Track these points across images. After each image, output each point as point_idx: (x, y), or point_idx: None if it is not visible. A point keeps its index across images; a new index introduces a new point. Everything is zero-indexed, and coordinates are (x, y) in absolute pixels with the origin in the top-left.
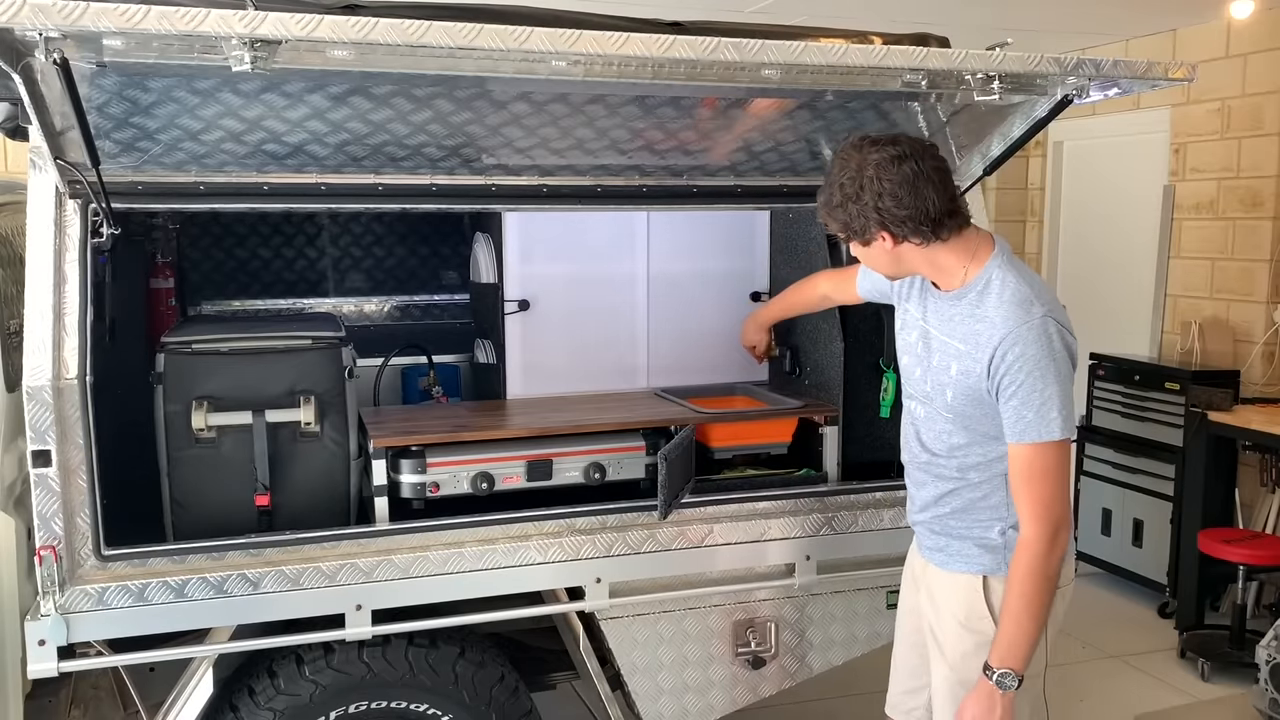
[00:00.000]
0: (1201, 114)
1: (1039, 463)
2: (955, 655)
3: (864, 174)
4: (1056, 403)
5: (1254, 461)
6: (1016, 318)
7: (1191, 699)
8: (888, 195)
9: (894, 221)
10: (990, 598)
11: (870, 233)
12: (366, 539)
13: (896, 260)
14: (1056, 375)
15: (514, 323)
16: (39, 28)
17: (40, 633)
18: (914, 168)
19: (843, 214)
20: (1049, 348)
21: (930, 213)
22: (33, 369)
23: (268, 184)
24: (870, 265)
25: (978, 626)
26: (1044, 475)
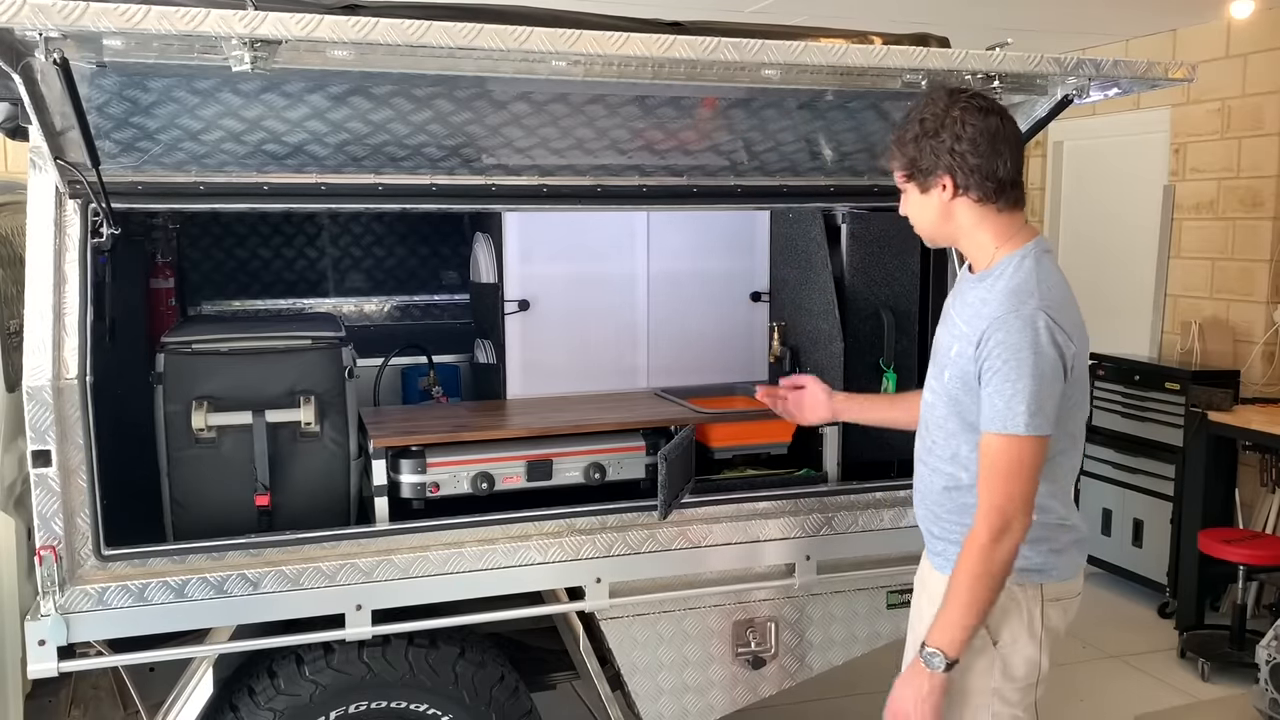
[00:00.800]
0: (1201, 114)
1: (1001, 457)
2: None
3: (950, 113)
4: (1026, 397)
5: (1254, 461)
6: (1009, 305)
7: (1191, 699)
8: (966, 139)
9: (963, 168)
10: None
11: (935, 175)
12: (366, 539)
13: (946, 216)
14: (1034, 371)
15: (514, 323)
16: (39, 28)
17: (40, 633)
18: (998, 124)
19: (914, 149)
20: (1033, 340)
21: (999, 172)
22: (33, 369)
23: (268, 184)
24: (917, 219)
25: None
26: (1002, 471)
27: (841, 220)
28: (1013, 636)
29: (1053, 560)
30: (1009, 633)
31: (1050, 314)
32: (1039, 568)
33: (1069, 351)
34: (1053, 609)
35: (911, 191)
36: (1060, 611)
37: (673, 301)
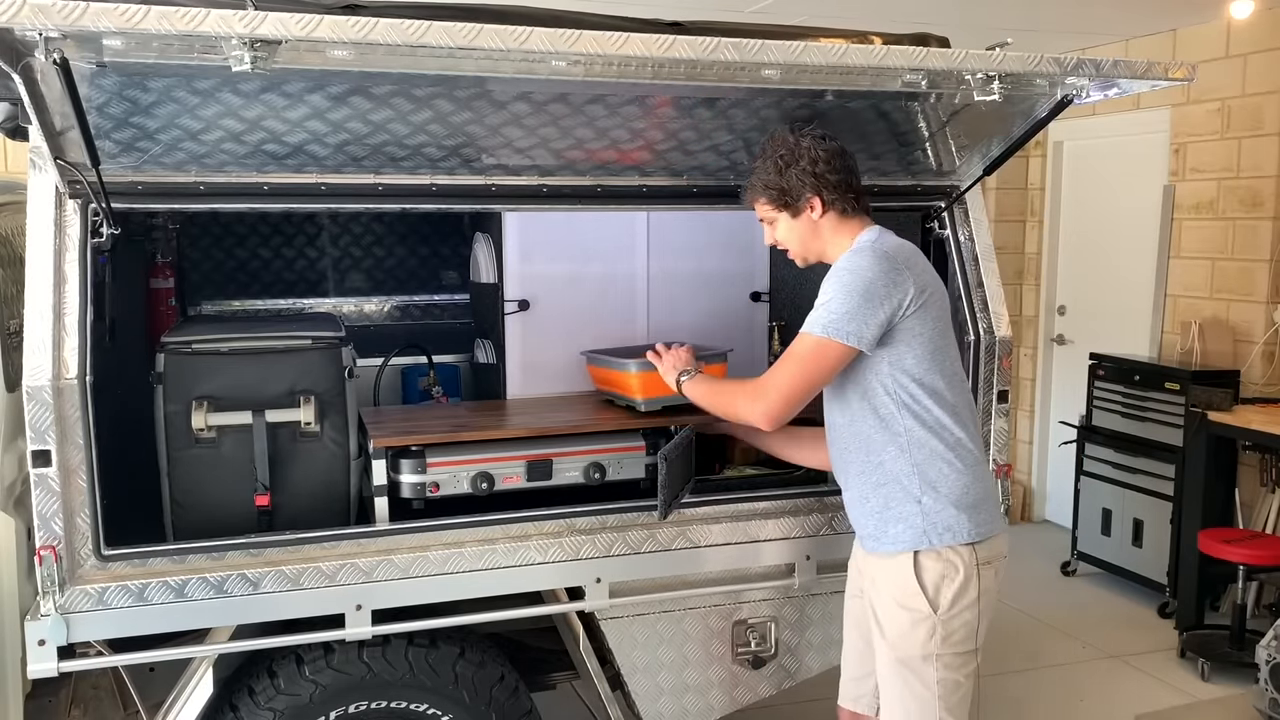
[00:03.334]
0: (1201, 114)
1: (793, 348)
2: (893, 634)
3: (800, 145)
4: (831, 306)
5: (1254, 461)
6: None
7: (1191, 699)
8: (822, 161)
9: (827, 186)
10: (921, 574)
11: (803, 199)
12: (366, 539)
13: (815, 233)
14: (848, 287)
15: (514, 323)
16: (39, 28)
17: (40, 633)
18: (839, 146)
19: (780, 180)
20: (852, 264)
21: (853, 184)
22: (33, 369)
23: (268, 184)
24: (789, 241)
25: (911, 604)
26: (789, 358)
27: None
28: (951, 601)
29: (978, 521)
30: (947, 597)
31: (878, 251)
32: (970, 527)
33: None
34: (986, 571)
35: (782, 220)
36: (992, 574)
37: (673, 302)
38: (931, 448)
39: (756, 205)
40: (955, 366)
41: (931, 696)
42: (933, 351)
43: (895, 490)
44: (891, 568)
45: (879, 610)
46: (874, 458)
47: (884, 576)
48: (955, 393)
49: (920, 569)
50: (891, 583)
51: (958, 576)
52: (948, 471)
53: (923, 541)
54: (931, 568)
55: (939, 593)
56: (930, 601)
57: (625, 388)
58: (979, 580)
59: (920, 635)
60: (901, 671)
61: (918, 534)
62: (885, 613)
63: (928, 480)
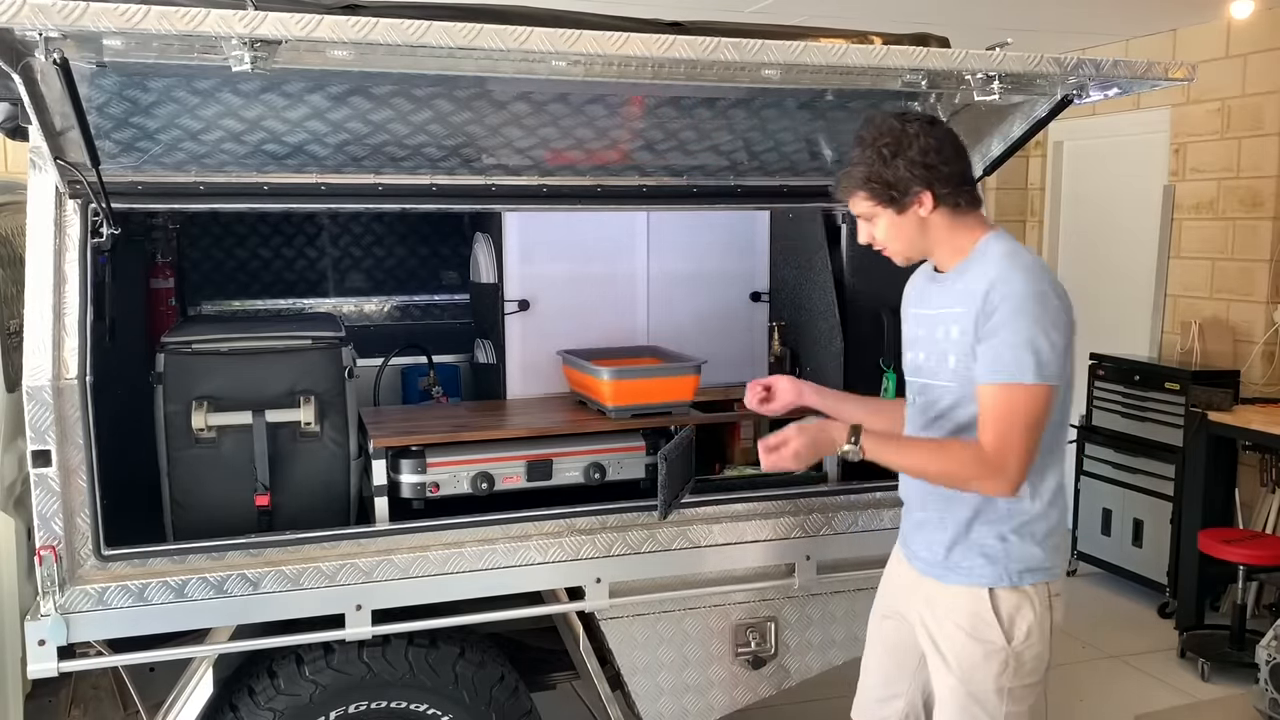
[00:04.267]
0: (1201, 114)
1: (1005, 404)
2: (963, 667)
3: (906, 133)
4: (1035, 346)
5: (1254, 461)
6: (1005, 265)
7: (1191, 699)
8: (933, 151)
9: (939, 179)
10: (999, 607)
11: (911, 195)
12: (366, 539)
13: (923, 230)
14: (1039, 319)
15: (514, 323)
16: (39, 28)
17: (40, 633)
18: (946, 130)
19: (888, 173)
20: (1038, 290)
21: (967, 175)
22: (33, 369)
23: (268, 184)
24: (891, 240)
25: (985, 635)
26: (1010, 417)
27: (841, 220)
28: (1026, 634)
29: (1056, 559)
30: (1022, 631)
31: (1048, 274)
32: (1048, 566)
33: (1068, 307)
34: (1057, 604)
35: (884, 216)
36: (1061, 607)
37: (673, 301)
38: (1030, 488)
39: (853, 201)
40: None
41: None
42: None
43: (979, 524)
44: (963, 598)
45: (942, 641)
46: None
47: (952, 606)
48: (1062, 429)
49: (997, 601)
50: (962, 614)
51: (1034, 608)
52: (1038, 514)
53: (1002, 579)
54: (1007, 599)
55: (1014, 625)
56: (1005, 633)
57: (596, 392)
58: (1052, 612)
59: (993, 668)
60: (970, 706)
61: (998, 571)
62: (952, 644)
63: (1018, 518)
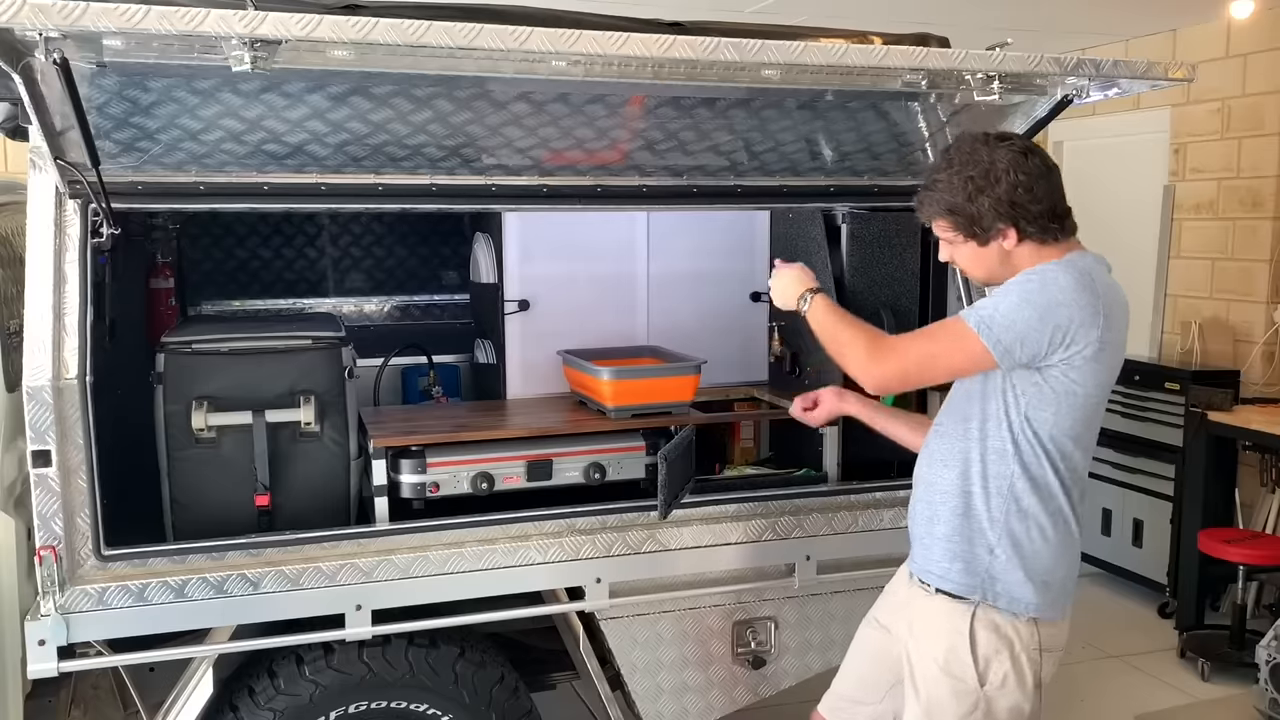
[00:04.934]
0: (1201, 114)
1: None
2: (930, 698)
3: (996, 167)
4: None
5: (1254, 461)
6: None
7: (1191, 699)
8: (1023, 188)
9: (1026, 217)
10: (976, 643)
11: (994, 230)
12: (366, 539)
13: (1005, 262)
14: (1024, 292)
15: (514, 323)
16: (39, 28)
17: (40, 633)
18: (1039, 162)
19: (971, 208)
20: (1053, 276)
21: (1058, 209)
22: (33, 369)
23: (268, 184)
24: (970, 268)
25: (956, 672)
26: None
27: (841, 220)
28: (1001, 680)
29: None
30: (998, 676)
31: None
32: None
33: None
34: (1046, 660)
35: (966, 247)
36: (1052, 664)
37: (673, 301)
38: (1029, 506)
39: (934, 225)
40: (1094, 433)
41: None
42: (1083, 416)
43: (971, 528)
44: (940, 623)
45: (917, 667)
46: (965, 484)
47: (930, 629)
48: (1078, 461)
49: (975, 637)
50: (937, 641)
51: (1012, 654)
52: (1035, 537)
53: (976, 594)
54: (986, 639)
55: (989, 667)
56: (979, 674)
57: (596, 392)
58: (1036, 666)
59: (961, 709)
60: None
61: (976, 583)
62: (924, 673)
63: (1011, 536)
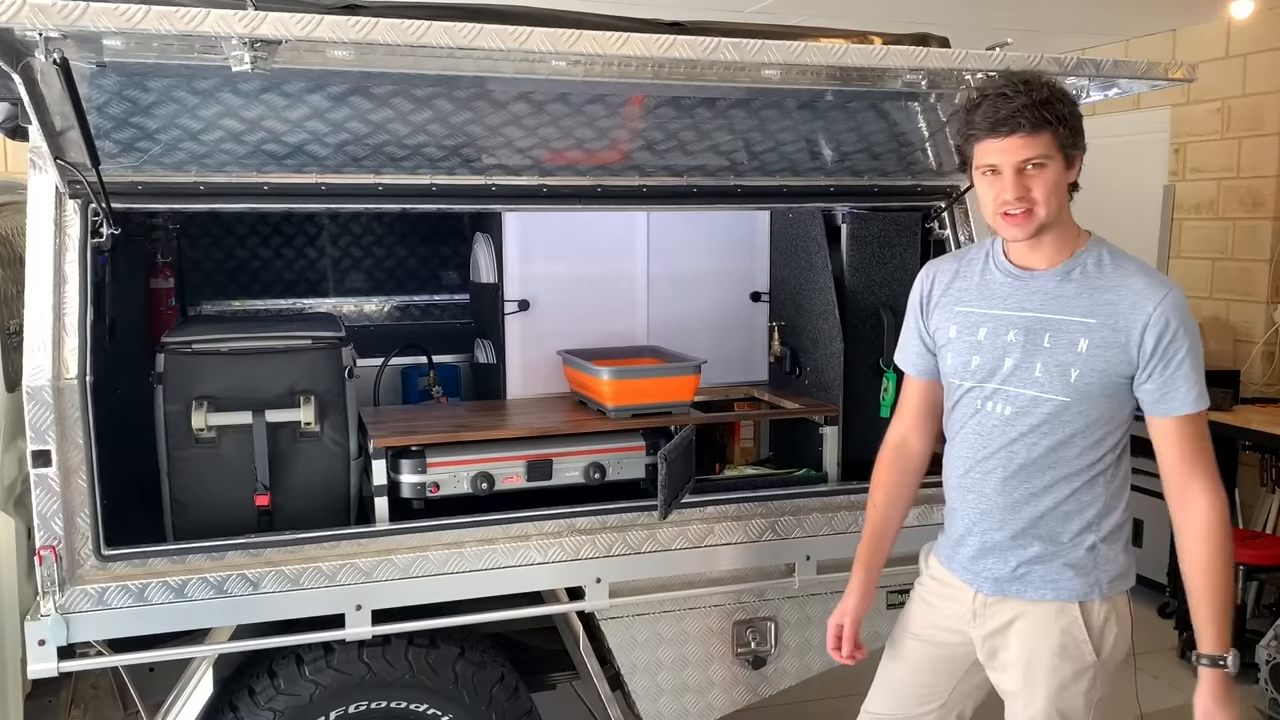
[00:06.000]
0: (1201, 114)
1: (1203, 437)
2: (1052, 686)
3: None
4: (1201, 374)
5: (1254, 461)
6: (1162, 286)
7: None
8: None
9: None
10: (1090, 620)
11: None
12: (366, 539)
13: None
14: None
15: (514, 323)
16: (39, 28)
17: (40, 633)
18: None
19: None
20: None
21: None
22: (33, 369)
23: (268, 184)
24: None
25: (1076, 653)
26: (1207, 451)
27: (841, 220)
28: (1113, 644)
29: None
30: (1110, 642)
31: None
32: (1125, 573)
33: None
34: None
35: (1054, 166)
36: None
37: (673, 301)
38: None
39: (1035, 138)
40: None
41: None
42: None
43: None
44: (1052, 617)
45: (1030, 664)
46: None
47: (1040, 626)
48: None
49: (1089, 616)
50: (1054, 633)
51: (1119, 616)
52: (1119, 520)
53: (1093, 593)
54: (1099, 613)
55: (1103, 638)
56: (1095, 648)
57: (596, 392)
58: (1133, 619)
59: (1083, 685)
60: None
61: (1088, 583)
62: (1041, 666)
63: (1105, 528)
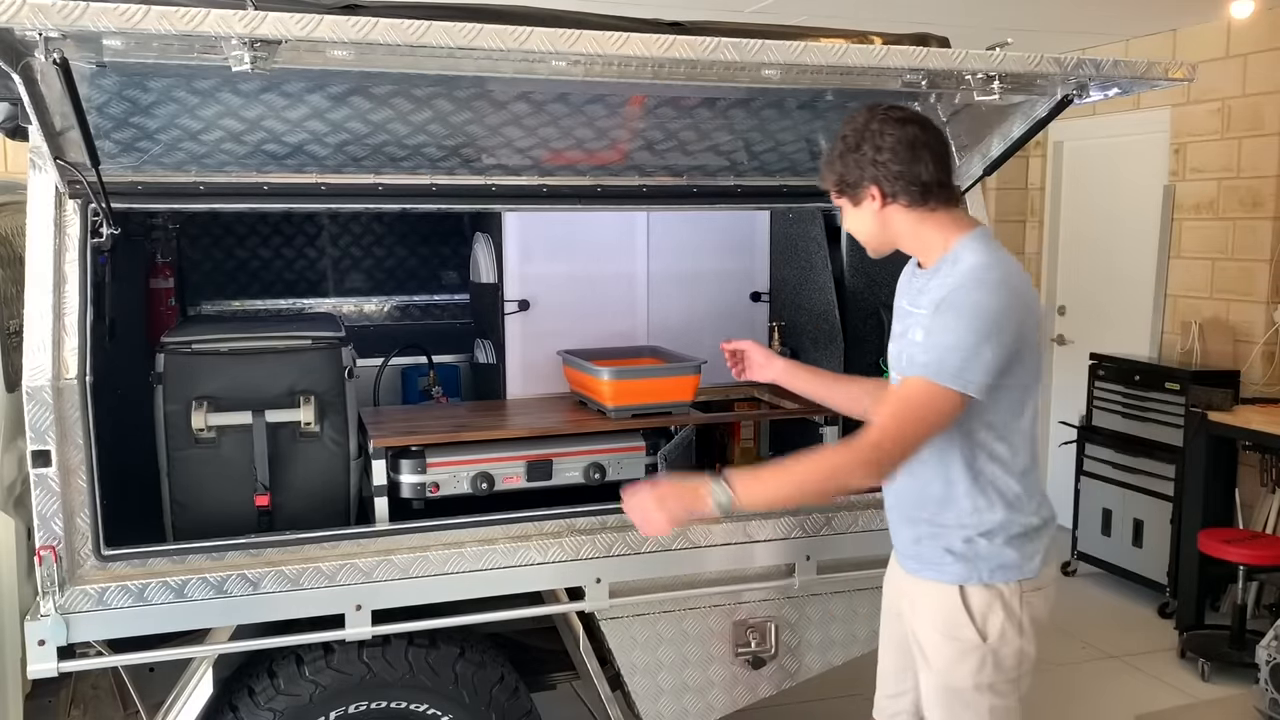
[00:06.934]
0: (1201, 114)
1: (915, 396)
2: (940, 663)
3: (869, 127)
4: (962, 354)
5: (1254, 461)
6: (974, 275)
7: (1191, 699)
8: (886, 149)
9: (886, 176)
10: (970, 604)
11: (862, 187)
12: (366, 539)
13: (883, 225)
14: (976, 328)
15: (514, 323)
16: (39, 28)
17: (40, 633)
18: (916, 132)
19: (840, 165)
20: (991, 304)
21: (922, 176)
22: (33, 369)
23: (268, 184)
24: (858, 231)
25: (959, 634)
26: (914, 413)
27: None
28: (1000, 631)
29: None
30: (996, 628)
31: (1010, 285)
32: (1020, 565)
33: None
34: (1034, 598)
35: (846, 206)
36: (1042, 600)
37: (673, 301)
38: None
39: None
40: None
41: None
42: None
43: (949, 519)
44: (935, 596)
45: (922, 638)
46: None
47: (926, 603)
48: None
49: (968, 599)
50: (935, 612)
51: (1008, 605)
52: (1001, 519)
53: (971, 578)
54: (980, 598)
55: (986, 623)
56: (979, 631)
57: (596, 393)
58: (1028, 608)
59: (970, 666)
60: (950, 701)
61: (967, 569)
62: (929, 641)
63: (984, 525)
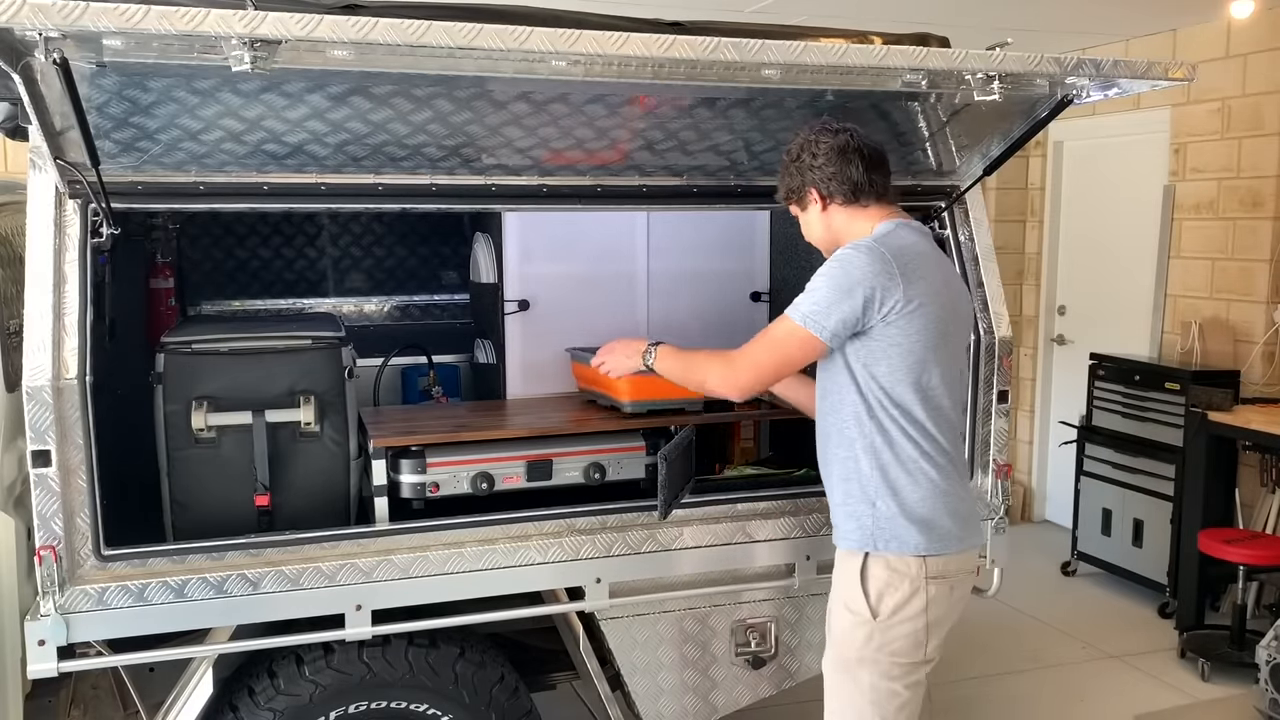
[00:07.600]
0: (1201, 114)
1: (773, 329)
2: (835, 632)
3: (806, 140)
4: (814, 296)
5: (1254, 461)
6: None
7: (1191, 699)
8: (821, 155)
9: (823, 179)
10: (866, 579)
11: (805, 191)
12: (366, 539)
13: (827, 225)
14: (831, 282)
15: (514, 323)
16: (39, 28)
17: (40, 633)
18: (847, 140)
19: (785, 175)
20: (845, 261)
21: (853, 176)
22: (33, 369)
23: (268, 184)
24: (810, 235)
25: (854, 606)
26: (767, 341)
27: None
28: (892, 610)
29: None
30: (889, 606)
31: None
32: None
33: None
34: (937, 586)
35: (797, 212)
36: (946, 589)
37: (673, 301)
38: (897, 454)
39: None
40: (937, 380)
41: (864, 701)
42: (911, 364)
43: (854, 488)
44: (844, 565)
45: (830, 605)
46: (842, 450)
47: (838, 572)
48: (932, 406)
49: (866, 573)
50: (841, 581)
51: (903, 586)
52: (907, 483)
53: (869, 544)
54: (877, 574)
55: (880, 600)
56: (871, 607)
57: (611, 388)
58: (926, 594)
59: (858, 638)
60: (837, 671)
61: (866, 536)
62: (832, 609)
63: (887, 486)
